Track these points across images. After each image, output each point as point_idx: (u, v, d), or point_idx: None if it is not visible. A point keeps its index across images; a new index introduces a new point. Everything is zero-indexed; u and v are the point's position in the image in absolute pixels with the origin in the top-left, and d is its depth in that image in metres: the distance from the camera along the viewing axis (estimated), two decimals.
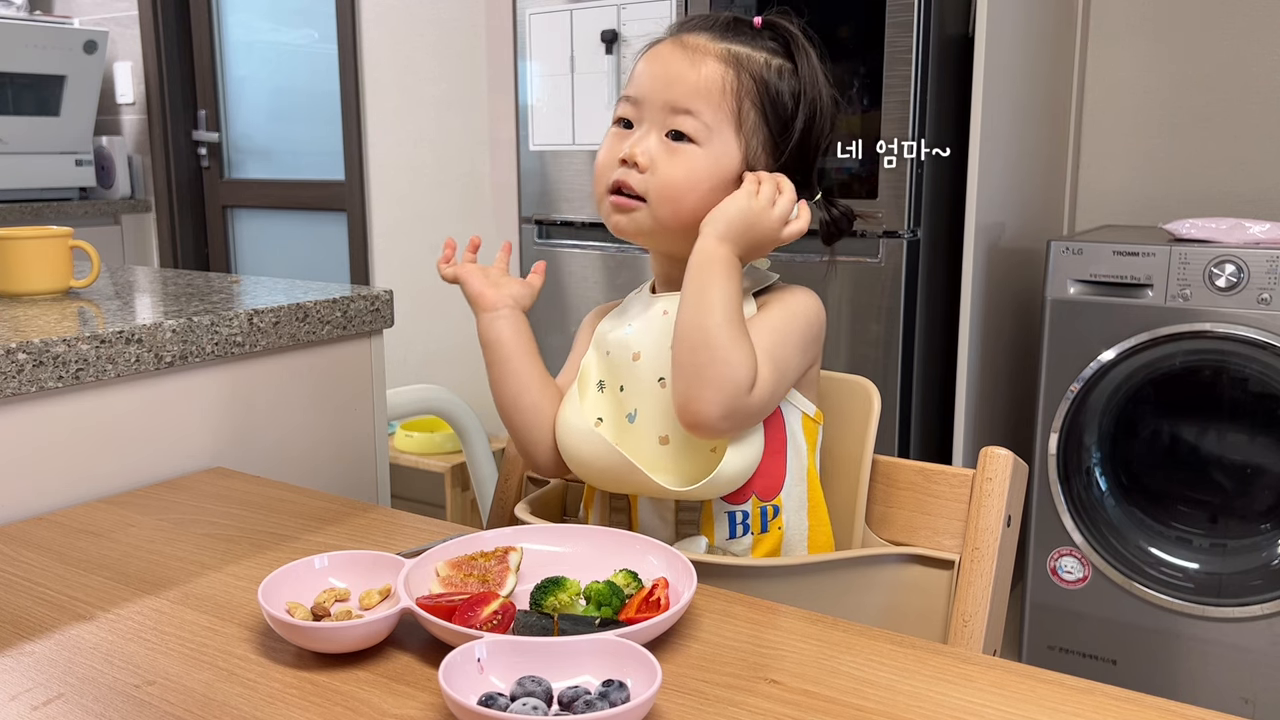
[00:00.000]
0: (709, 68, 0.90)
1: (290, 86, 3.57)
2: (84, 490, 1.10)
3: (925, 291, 1.88)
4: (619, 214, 0.94)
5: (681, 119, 0.91)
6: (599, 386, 0.98)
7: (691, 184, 0.91)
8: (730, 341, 0.85)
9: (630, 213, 0.93)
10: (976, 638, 0.88)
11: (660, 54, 0.93)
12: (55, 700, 0.67)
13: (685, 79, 0.90)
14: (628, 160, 0.92)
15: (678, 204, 0.91)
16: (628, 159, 0.92)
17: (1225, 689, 1.84)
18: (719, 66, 0.91)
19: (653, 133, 0.92)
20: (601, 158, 0.95)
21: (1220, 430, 1.89)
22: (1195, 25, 2.27)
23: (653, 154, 0.91)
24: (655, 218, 0.92)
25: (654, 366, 0.93)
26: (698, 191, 0.91)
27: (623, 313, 1.02)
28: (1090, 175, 2.42)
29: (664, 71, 0.92)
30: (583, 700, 0.61)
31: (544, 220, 2.26)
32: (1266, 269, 1.70)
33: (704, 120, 0.90)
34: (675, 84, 0.91)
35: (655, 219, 0.92)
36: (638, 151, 0.91)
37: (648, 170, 0.91)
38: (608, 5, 2.08)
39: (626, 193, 0.93)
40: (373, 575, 0.79)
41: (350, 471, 1.39)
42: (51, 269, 1.34)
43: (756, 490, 0.93)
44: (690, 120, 0.90)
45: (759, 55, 0.92)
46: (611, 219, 0.95)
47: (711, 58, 0.91)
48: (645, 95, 0.92)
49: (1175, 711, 0.63)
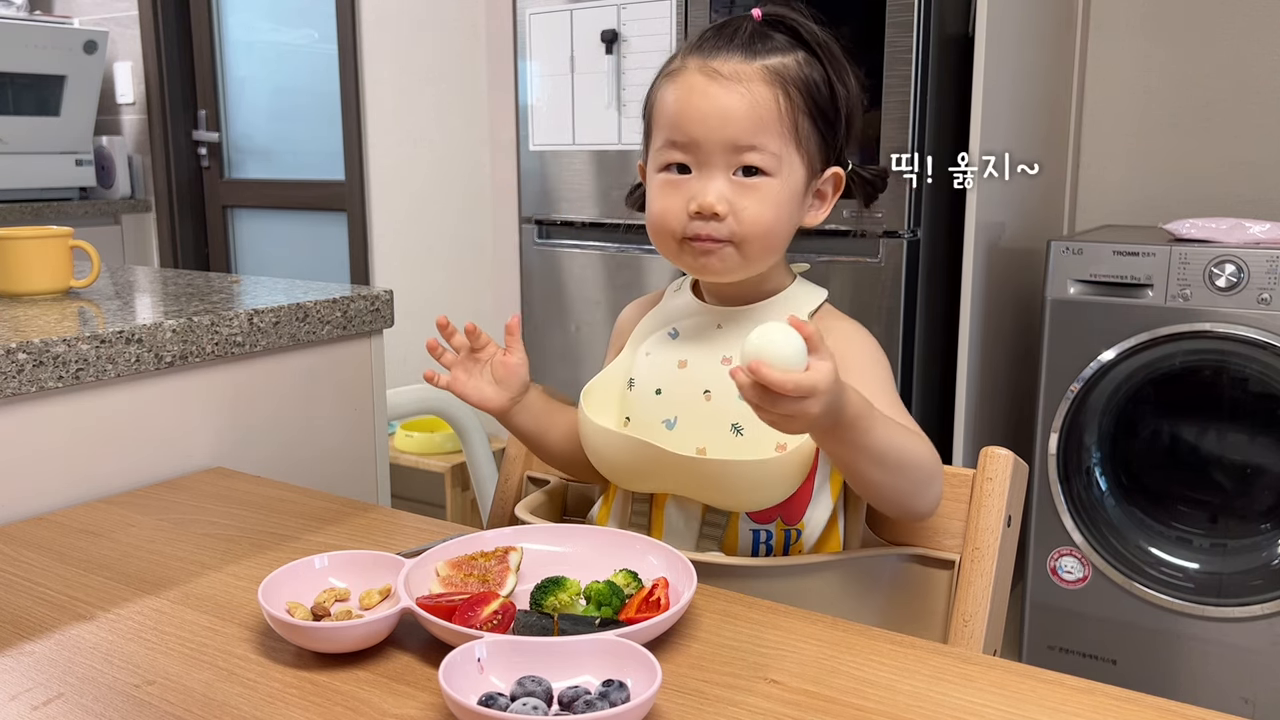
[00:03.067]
0: (759, 95, 0.86)
1: (290, 86, 3.57)
2: (84, 490, 1.10)
3: (925, 291, 1.88)
4: (706, 257, 0.89)
5: (749, 155, 0.87)
6: (629, 384, 0.96)
7: (777, 216, 0.88)
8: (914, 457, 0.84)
9: (717, 253, 0.88)
10: (976, 638, 0.88)
11: (698, 89, 0.87)
12: (55, 700, 0.67)
13: (741, 114, 0.86)
14: (704, 211, 0.87)
15: (768, 239, 0.89)
16: (704, 210, 0.87)
17: (1225, 689, 1.84)
18: (767, 91, 0.86)
19: (718, 175, 0.87)
20: (660, 208, 0.90)
21: (1220, 430, 1.89)
22: (1196, 25, 2.27)
23: (728, 198, 0.87)
24: (746, 255, 0.89)
25: (700, 377, 0.91)
26: (782, 220, 0.89)
27: (665, 314, 0.99)
28: (1090, 175, 2.42)
29: (715, 109, 0.86)
30: (583, 700, 0.61)
31: (544, 220, 2.26)
32: (1266, 269, 1.70)
33: (771, 150, 0.87)
34: (732, 121, 0.86)
35: (746, 256, 0.89)
36: (713, 200, 0.86)
37: (727, 216, 0.87)
38: (608, 5, 2.08)
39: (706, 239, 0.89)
40: (373, 575, 0.79)
41: (350, 471, 1.39)
42: (51, 269, 1.34)
43: (782, 514, 0.91)
44: (758, 155, 0.87)
45: (789, 60, 0.88)
46: (698, 262, 0.90)
47: (757, 83, 0.86)
48: (702, 138, 0.87)
49: (1175, 711, 0.63)
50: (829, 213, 0.95)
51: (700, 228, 0.88)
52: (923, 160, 1.81)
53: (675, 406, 0.92)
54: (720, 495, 0.90)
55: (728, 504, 0.90)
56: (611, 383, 0.98)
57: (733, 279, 0.92)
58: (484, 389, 0.96)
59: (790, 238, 0.93)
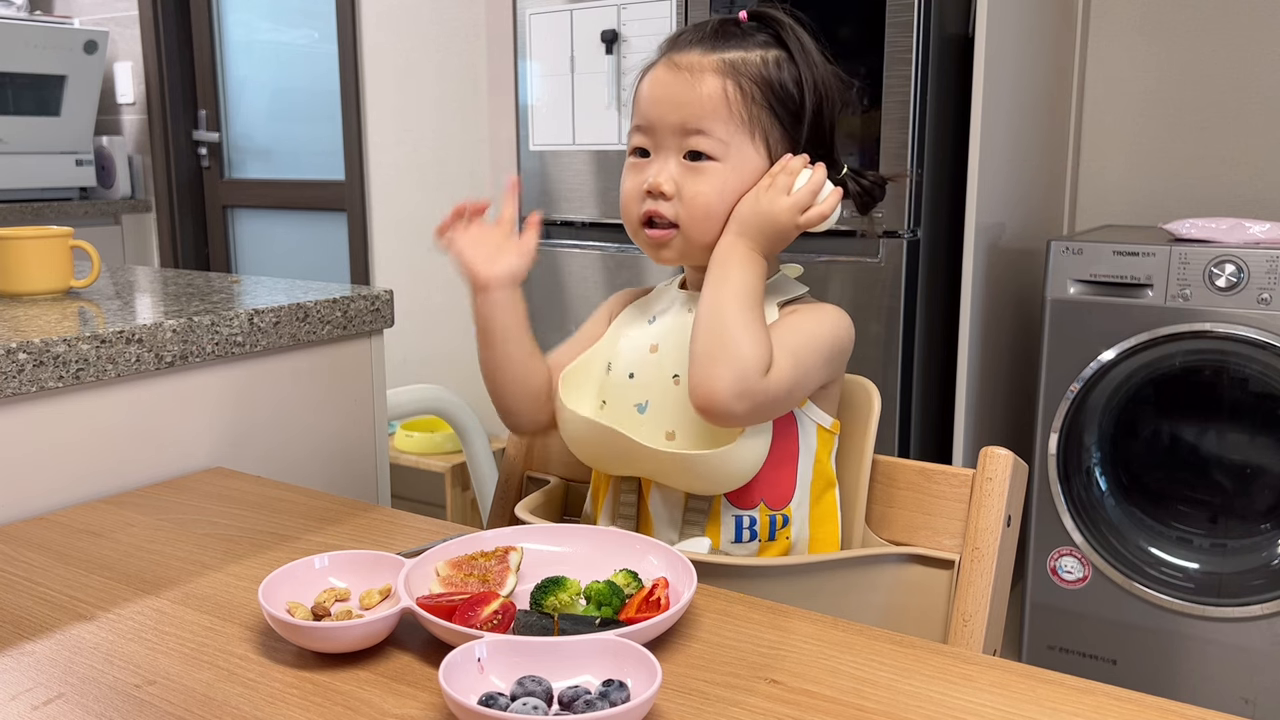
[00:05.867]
0: (708, 84, 0.91)
1: (290, 86, 3.57)
2: (84, 490, 1.10)
3: (925, 291, 1.88)
4: (657, 247, 0.95)
5: (695, 139, 0.91)
6: (607, 368, 0.99)
7: (721, 199, 0.92)
8: (743, 323, 0.86)
9: (668, 243, 0.94)
10: (976, 638, 0.88)
11: (658, 78, 0.94)
12: (55, 700, 0.67)
13: (688, 100, 0.91)
14: (652, 190, 0.93)
15: (710, 221, 0.92)
16: (652, 189, 0.93)
17: (1225, 689, 1.84)
18: (717, 80, 0.91)
19: (670, 158, 0.93)
20: (626, 190, 0.96)
21: (1220, 430, 1.89)
22: (1195, 25, 2.27)
23: (676, 179, 0.92)
24: (690, 239, 0.93)
25: (671, 361, 0.94)
26: (727, 204, 0.92)
27: (649, 304, 1.03)
28: (1090, 175, 2.42)
29: (666, 96, 0.92)
30: (583, 700, 0.61)
31: (544, 220, 2.26)
32: (1266, 269, 1.70)
33: (717, 136, 0.91)
34: (681, 107, 0.91)
35: (691, 240, 0.93)
36: (661, 180, 0.92)
37: (674, 196, 0.92)
38: (608, 5, 2.08)
39: (659, 223, 0.94)
40: (373, 575, 0.79)
41: (350, 471, 1.39)
42: (52, 269, 1.34)
43: (765, 498, 0.93)
44: (704, 139, 0.91)
45: (753, 55, 0.92)
46: (652, 253, 0.96)
47: (708, 73, 0.91)
48: (654, 122, 0.93)
49: (1175, 711, 0.63)
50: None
51: (651, 205, 0.93)
52: (922, 161, 1.81)
53: (647, 390, 0.95)
54: (687, 480, 0.92)
55: (696, 488, 0.92)
56: (591, 365, 1.00)
57: (689, 263, 0.98)
58: (478, 258, 0.96)
59: None
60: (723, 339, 0.85)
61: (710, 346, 0.86)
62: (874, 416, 0.99)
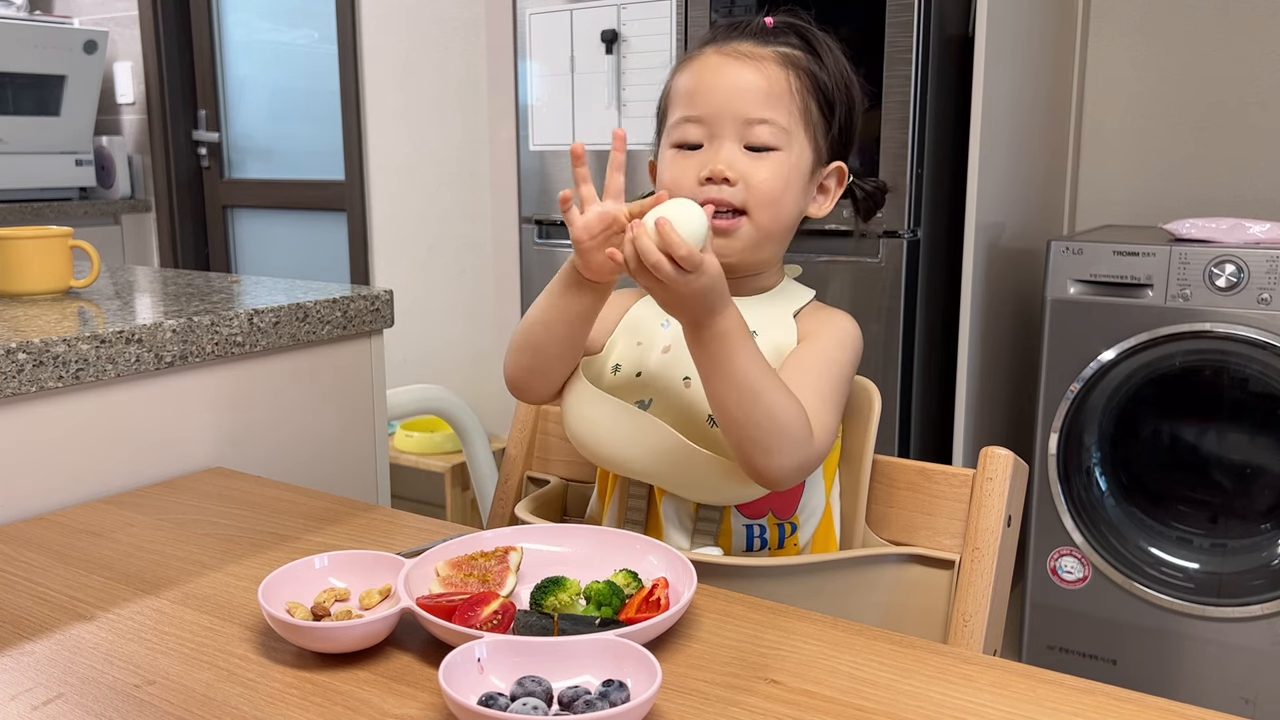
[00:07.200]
0: (772, 72, 0.90)
1: (290, 86, 3.57)
2: (84, 490, 1.10)
3: (925, 291, 1.88)
4: (720, 237, 0.89)
5: (759, 129, 0.89)
6: (614, 370, 0.97)
7: (786, 186, 0.90)
8: (774, 399, 0.80)
9: (734, 232, 0.89)
10: (976, 638, 0.88)
11: (715, 67, 0.91)
12: (55, 700, 0.67)
13: (753, 87, 0.89)
14: (714, 177, 0.89)
15: (777, 208, 0.90)
16: (714, 175, 0.88)
17: (1225, 689, 1.84)
18: (780, 70, 0.90)
19: (728, 145, 0.89)
20: (671, 177, 0.91)
21: (1220, 430, 1.89)
22: (1196, 25, 2.27)
23: (739, 166, 0.89)
24: (759, 226, 0.90)
25: (683, 365, 0.91)
26: (791, 193, 0.91)
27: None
28: (1090, 175, 2.42)
29: (730, 84, 0.90)
30: (583, 700, 0.60)
31: (544, 220, 2.26)
32: (1266, 269, 1.70)
33: (781, 125, 0.90)
34: (745, 94, 0.89)
35: (759, 228, 0.90)
36: (723, 166, 0.88)
37: (738, 183, 0.89)
38: (608, 5, 2.08)
39: (723, 212, 0.89)
40: (373, 575, 0.79)
41: (350, 471, 1.39)
42: (51, 269, 1.34)
43: (773, 508, 0.92)
44: (767, 129, 0.89)
45: (799, 52, 0.92)
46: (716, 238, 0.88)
47: (770, 62, 0.90)
48: (714, 111, 0.90)
49: (1175, 711, 0.63)
50: (832, 207, 0.97)
51: (713, 192, 0.89)
52: (922, 160, 1.81)
53: (653, 389, 0.93)
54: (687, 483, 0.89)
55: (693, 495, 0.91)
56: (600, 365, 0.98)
57: (744, 258, 0.91)
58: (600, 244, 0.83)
59: (797, 222, 0.95)
60: (766, 427, 0.80)
61: (756, 435, 0.81)
62: (874, 417, 0.99)
